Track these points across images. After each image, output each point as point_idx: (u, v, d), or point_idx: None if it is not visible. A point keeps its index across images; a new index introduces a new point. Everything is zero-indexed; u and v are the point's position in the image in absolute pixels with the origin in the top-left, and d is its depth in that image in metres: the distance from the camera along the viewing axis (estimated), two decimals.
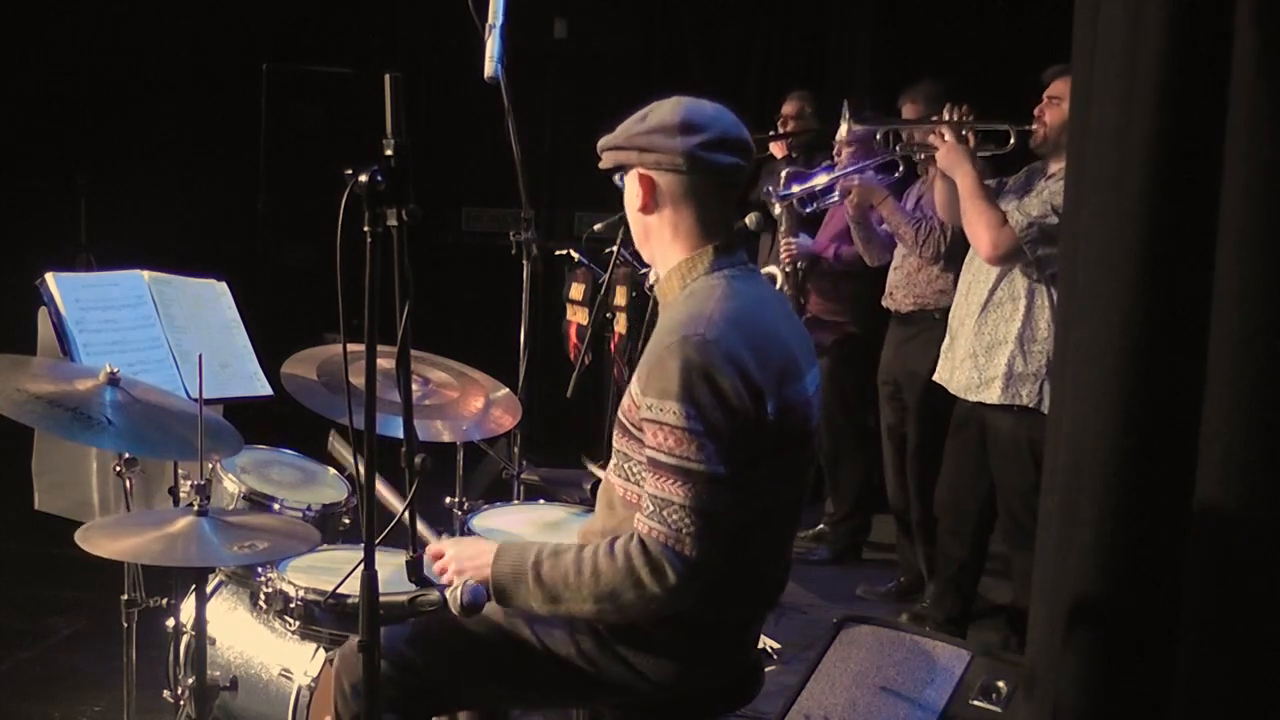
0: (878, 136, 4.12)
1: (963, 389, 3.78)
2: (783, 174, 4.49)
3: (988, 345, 3.67)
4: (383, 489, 2.34)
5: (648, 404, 2.04)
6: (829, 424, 5.03)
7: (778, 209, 4.67)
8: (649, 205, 2.18)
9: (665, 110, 2.15)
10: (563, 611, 2.09)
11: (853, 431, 5.18)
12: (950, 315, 3.91)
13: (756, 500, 2.08)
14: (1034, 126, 3.67)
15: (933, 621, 4.04)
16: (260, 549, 2.34)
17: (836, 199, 4.45)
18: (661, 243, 2.21)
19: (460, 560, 2.17)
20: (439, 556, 2.21)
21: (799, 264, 4.81)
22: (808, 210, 4.52)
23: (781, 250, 4.83)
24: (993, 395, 3.66)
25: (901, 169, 4.39)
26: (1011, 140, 3.87)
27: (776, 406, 2.06)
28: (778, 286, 4.81)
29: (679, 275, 2.19)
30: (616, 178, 2.27)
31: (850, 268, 4.92)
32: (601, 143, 2.23)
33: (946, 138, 3.76)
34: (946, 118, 3.81)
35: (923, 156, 4.25)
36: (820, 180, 4.35)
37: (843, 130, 4.06)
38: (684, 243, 2.18)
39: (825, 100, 5.42)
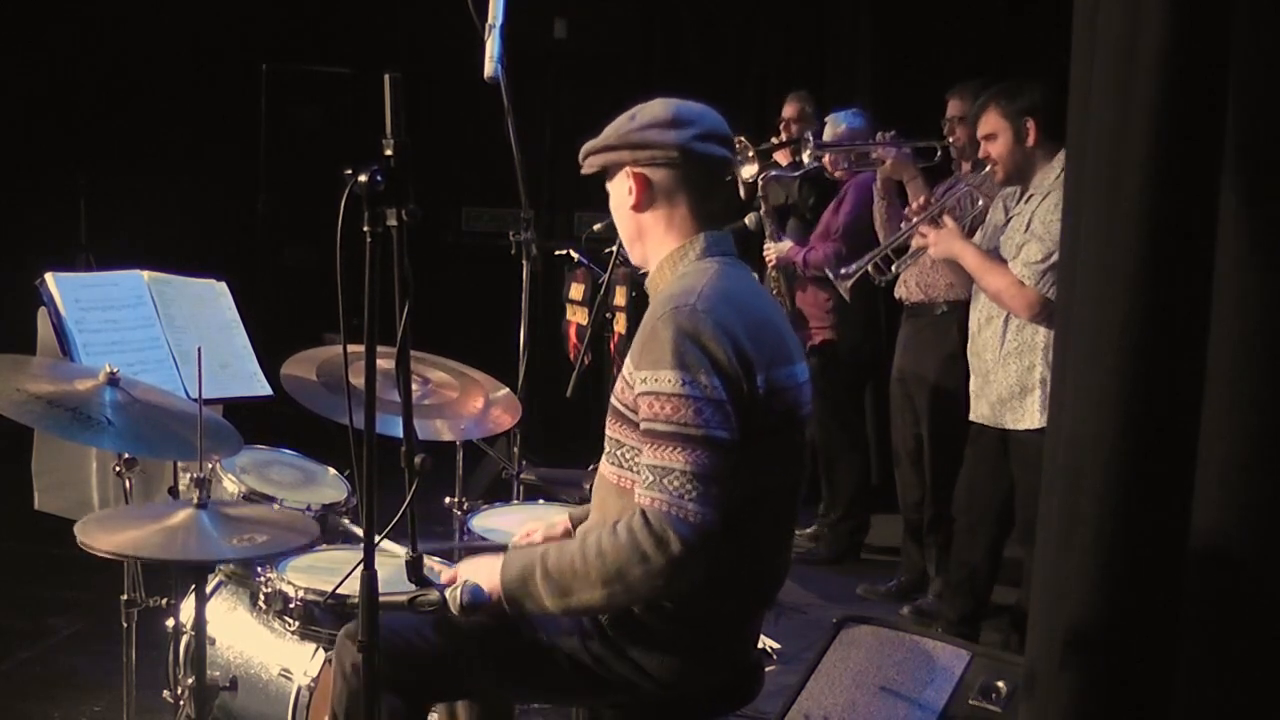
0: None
1: (1004, 417, 3.67)
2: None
3: (1018, 367, 3.61)
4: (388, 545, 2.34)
5: (641, 377, 2.05)
6: (819, 426, 5.03)
7: (762, 210, 4.75)
8: (642, 202, 2.19)
9: (655, 108, 2.18)
10: (574, 604, 2.07)
11: (844, 434, 5.18)
12: (970, 356, 3.84)
13: (753, 478, 2.08)
14: (989, 169, 3.66)
15: (945, 620, 4.03)
16: (260, 541, 2.33)
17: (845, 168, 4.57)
18: (655, 238, 2.22)
19: (473, 575, 2.16)
20: (452, 581, 2.20)
21: (780, 268, 4.92)
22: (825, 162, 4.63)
23: (766, 254, 4.90)
24: (1033, 416, 3.56)
25: (939, 155, 4.40)
26: (980, 202, 3.90)
27: (766, 383, 2.07)
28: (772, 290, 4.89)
29: (670, 265, 2.21)
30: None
31: (817, 271, 4.93)
32: (587, 146, 2.24)
33: (929, 236, 3.74)
34: (915, 209, 3.85)
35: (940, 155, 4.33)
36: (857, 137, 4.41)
37: (805, 156, 4.11)
38: (677, 234, 2.20)
39: (825, 100, 5.42)
